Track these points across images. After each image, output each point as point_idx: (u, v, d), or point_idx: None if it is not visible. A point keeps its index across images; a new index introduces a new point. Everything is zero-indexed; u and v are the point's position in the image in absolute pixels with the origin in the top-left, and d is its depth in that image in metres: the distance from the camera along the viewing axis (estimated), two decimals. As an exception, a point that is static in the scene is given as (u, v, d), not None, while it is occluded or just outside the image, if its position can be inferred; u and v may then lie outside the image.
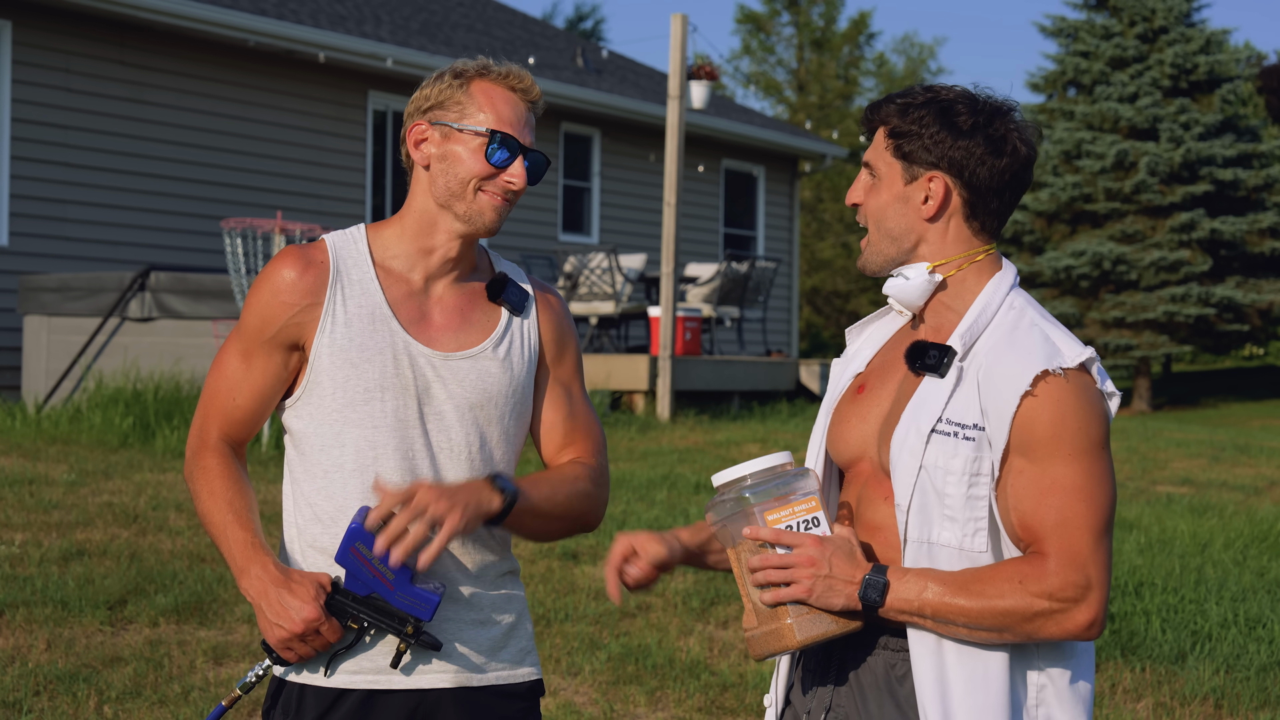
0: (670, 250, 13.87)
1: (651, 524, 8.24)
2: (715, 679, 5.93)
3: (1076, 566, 2.37)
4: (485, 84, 2.73)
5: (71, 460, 9.64)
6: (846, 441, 2.60)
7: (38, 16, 14.25)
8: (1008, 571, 2.39)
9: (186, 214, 15.34)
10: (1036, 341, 2.45)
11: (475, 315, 2.79)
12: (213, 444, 2.76)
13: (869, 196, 2.58)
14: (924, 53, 50.75)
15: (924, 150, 2.51)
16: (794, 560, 2.44)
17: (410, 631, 2.62)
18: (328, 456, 2.71)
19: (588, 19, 47.06)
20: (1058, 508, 2.39)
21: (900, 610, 2.41)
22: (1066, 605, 2.37)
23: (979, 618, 2.38)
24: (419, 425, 2.71)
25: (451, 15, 20.54)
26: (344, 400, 2.70)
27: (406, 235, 2.76)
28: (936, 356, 2.49)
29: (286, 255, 2.74)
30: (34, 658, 5.84)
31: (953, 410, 2.45)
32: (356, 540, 2.60)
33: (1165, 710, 5.76)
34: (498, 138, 2.69)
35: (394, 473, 2.69)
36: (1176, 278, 26.18)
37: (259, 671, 2.71)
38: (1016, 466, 2.41)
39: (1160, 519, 9.14)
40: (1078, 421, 2.40)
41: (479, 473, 2.74)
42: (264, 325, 2.72)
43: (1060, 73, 28.95)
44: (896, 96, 2.57)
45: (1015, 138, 2.53)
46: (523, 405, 2.82)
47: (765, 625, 2.48)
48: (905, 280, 2.55)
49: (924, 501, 2.45)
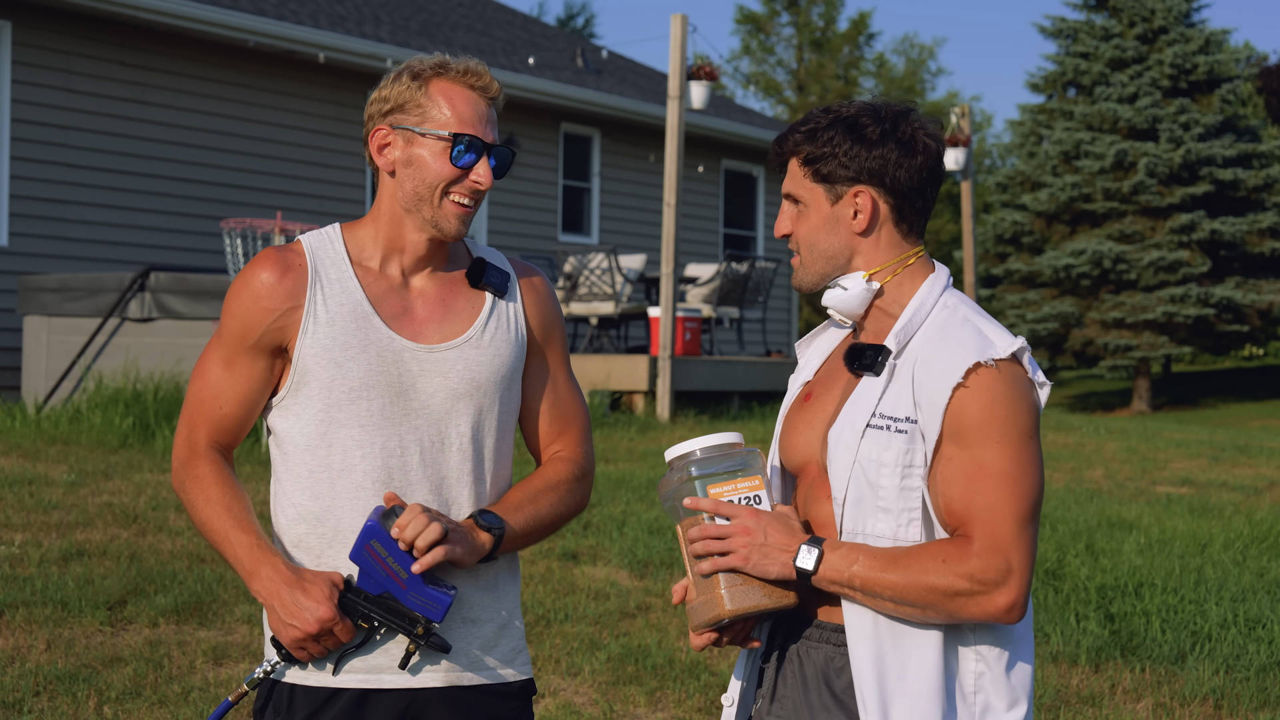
0: (670, 250, 13.87)
1: (651, 524, 8.24)
2: (715, 679, 5.93)
3: (999, 551, 2.45)
4: (444, 83, 2.71)
5: (71, 460, 9.64)
6: (795, 447, 2.68)
7: (38, 16, 14.25)
8: (933, 550, 2.46)
9: (186, 214, 15.34)
10: (969, 335, 2.53)
11: (458, 303, 2.79)
12: (203, 451, 2.75)
13: (797, 225, 2.66)
14: (923, 53, 50.75)
15: (841, 168, 2.59)
16: (730, 530, 2.52)
17: (421, 632, 2.62)
18: (313, 456, 2.71)
19: (578, 16, 47.05)
20: (984, 493, 2.46)
21: (831, 580, 2.48)
22: (987, 588, 2.44)
23: (904, 592, 2.45)
24: (407, 421, 2.71)
25: (451, 16, 20.55)
26: (330, 400, 2.69)
27: (380, 235, 2.76)
28: (872, 356, 2.58)
29: (263, 259, 2.73)
30: (34, 658, 5.84)
31: (886, 405, 2.53)
32: (372, 538, 2.60)
33: (1165, 710, 5.76)
34: (463, 140, 2.68)
35: (381, 470, 2.69)
36: (1175, 278, 26.19)
37: (266, 668, 2.71)
38: (946, 454, 2.49)
39: (1160, 519, 9.14)
40: (1006, 410, 2.48)
41: (470, 465, 2.74)
42: (245, 332, 2.71)
43: (1060, 73, 28.97)
44: (799, 126, 2.65)
45: (923, 135, 2.62)
46: (511, 391, 2.81)
47: (701, 596, 2.55)
48: (844, 291, 2.64)
49: (859, 495, 2.53)
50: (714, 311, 16.44)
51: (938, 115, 36.45)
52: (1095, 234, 26.85)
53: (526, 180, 18.85)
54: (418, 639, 2.62)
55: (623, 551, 7.68)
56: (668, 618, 6.72)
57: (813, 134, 2.61)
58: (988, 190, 34.34)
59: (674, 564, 7.52)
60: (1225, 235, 26.19)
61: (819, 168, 2.61)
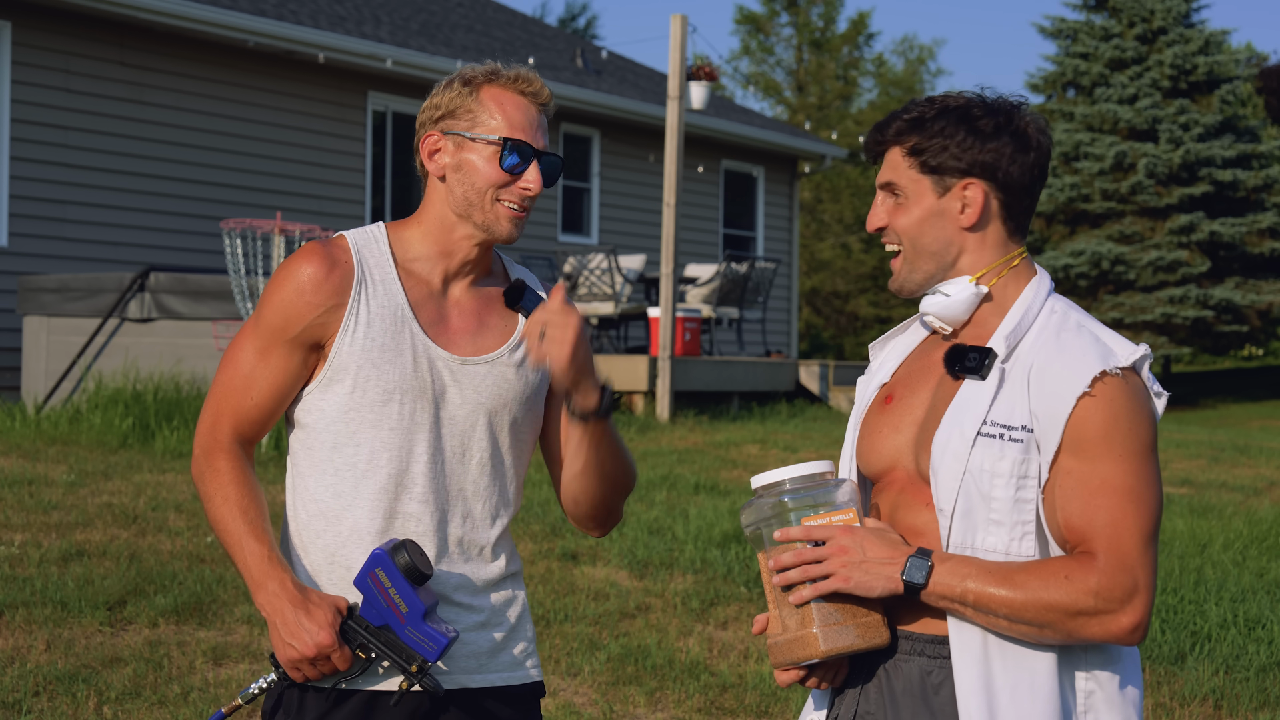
0: (670, 251, 13.87)
1: (651, 524, 8.24)
2: (715, 680, 5.92)
3: (1125, 568, 2.32)
4: (495, 90, 2.72)
5: (71, 461, 9.64)
6: (878, 452, 2.54)
7: (38, 17, 14.25)
8: (1055, 566, 2.33)
9: (186, 214, 15.34)
10: (1087, 342, 2.41)
11: (492, 319, 2.79)
12: (225, 443, 2.72)
13: (896, 217, 2.51)
14: (923, 54, 50.75)
15: (953, 159, 2.46)
16: (825, 552, 2.38)
17: (415, 670, 2.60)
18: (340, 455, 2.70)
19: (579, 17, 47.04)
20: (1107, 508, 2.33)
21: (941, 595, 2.35)
22: (1112, 606, 2.31)
23: (1021, 609, 2.31)
24: (434, 429, 2.71)
25: (451, 16, 20.54)
26: (361, 400, 2.69)
27: (429, 238, 2.76)
28: (976, 359, 2.44)
29: (311, 253, 2.71)
30: (33, 658, 5.84)
31: (998, 412, 2.40)
32: (378, 566, 2.58)
33: (1165, 710, 5.76)
34: (510, 144, 2.69)
35: (401, 475, 2.69)
36: (1175, 279, 26.17)
37: (263, 684, 2.69)
38: (1066, 467, 2.36)
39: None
40: (1129, 422, 2.36)
41: (488, 478, 2.75)
42: (286, 324, 2.69)
43: (1059, 74, 28.96)
44: (902, 114, 2.52)
45: (1034, 131, 2.50)
46: (534, 412, 2.82)
47: (790, 633, 2.43)
48: (947, 297, 2.49)
49: (968, 506, 2.39)
50: (714, 312, 16.44)
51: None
52: (1094, 234, 26.85)
53: (526, 180, 18.83)
54: (412, 676, 2.60)
55: (623, 552, 7.68)
56: (667, 618, 6.72)
57: (920, 122, 2.48)
58: (987, 191, 34.27)
59: (673, 564, 7.53)
60: (1224, 236, 26.18)
61: (927, 158, 2.47)
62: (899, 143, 2.50)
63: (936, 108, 2.50)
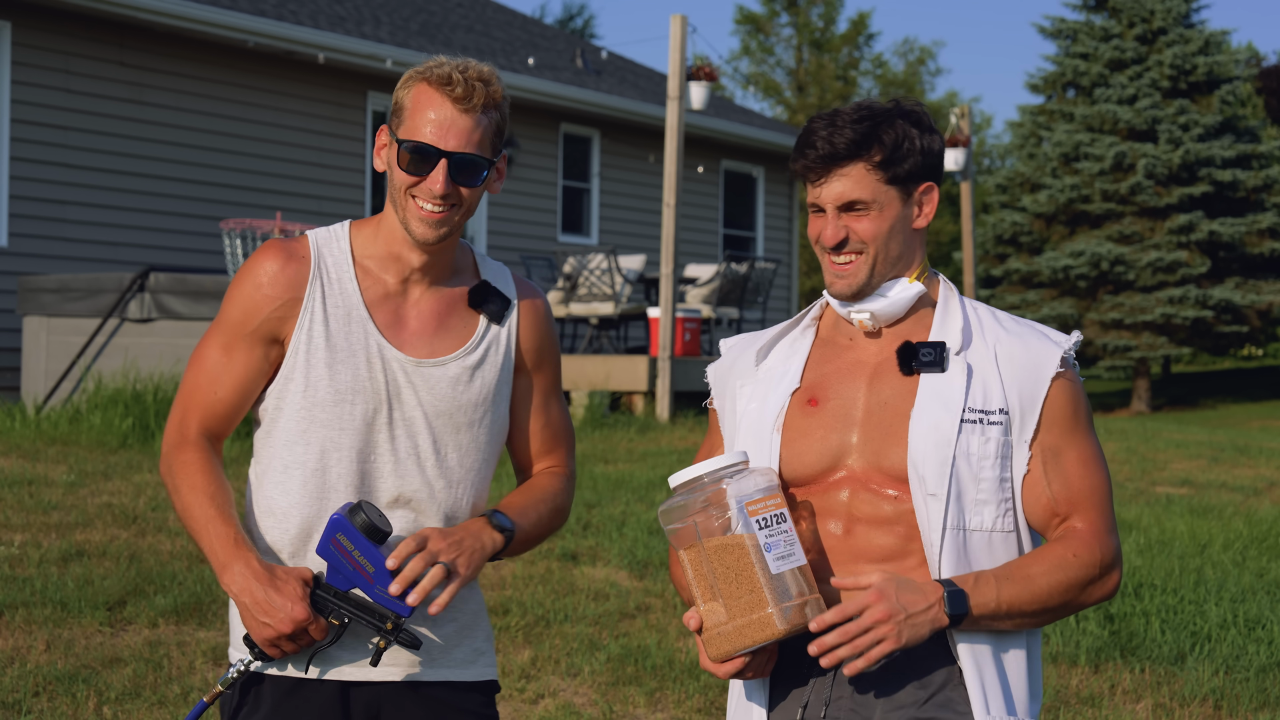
0: (669, 251, 13.87)
1: (650, 525, 8.24)
2: (714, 680, 5.92)
3: (1110, 531, 2.53)
4: (423, 87, 2.69)
5: (71, 461, 9.64)
6: (814, 453, 2.55)
7: (37, 17, 14.25)
8: (1058, 550, 2.50)
9: (186, 214, 15.34)
10: (1037, 330, 2.58)
11: (452, 321, 2.78)
12: (193, 438, 2.75)
13: (861, 226, 2.52)
14: (923, 54, 50.77)
15: (917, 166, 2.53)
16: (868, 621, 2.41)
17: (390, 628, 2.62)
18: (290, 453, 2.72)
19: (577, 17, 47.03)
20: (1088, 477, 2.53)
21: (980, 616, 2.46)
22: (1106, 570, 2.52)
23: (1048, 598, 2.48)
24: (386, 430, 2.72)
25: (451, 16, 20.54)
26: (314, 399, 2.70)
27: (380, 237, 2.76)
28: (932, 354, 2.52)
29: (268, 248, 2.73)
30: (33, 658, 5.84)
31: (974, 399, 2.51)
32: (338, 532, 2.60)
33: (1165, 711, 5.76)
34: (407, 146, 2.67)
35: (355, 475, 2.70)
36: (1174, 279, 26.18)
37: (239, 667, 2.71)
38: (1048, 443, 2.53)
39: (1159, 520, 9.14)
40: (1084, 400, 2.57)
41: (444, 481, 2.75)
42: (245, 318, 2.71)
43: (1059, 74, 28.96)
44: (850, 125, 2.49)
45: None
46: (495, 414, 2.81)
47: (740, 619, 2.42)
48: (885, 298, 2.55)
49: (960, 489, 2.49)
50: (713, 312, 16.44)
51: (937, 116, 36.51)
52: (1094, 235, 26.85)
53: (526, 181, 18.84)
54: (387, 635, 2.62)
55: (622, 552, 7.68)
56: (667, 618, 6.72)
57: (874, 133, 2.49)
58: (987, 191, 34.35)
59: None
60: (1224, 236, 26.18)
61: (897, 170, 2.50)
62: (862, 158, 2.50)
63: (880, 116, 2.50)
